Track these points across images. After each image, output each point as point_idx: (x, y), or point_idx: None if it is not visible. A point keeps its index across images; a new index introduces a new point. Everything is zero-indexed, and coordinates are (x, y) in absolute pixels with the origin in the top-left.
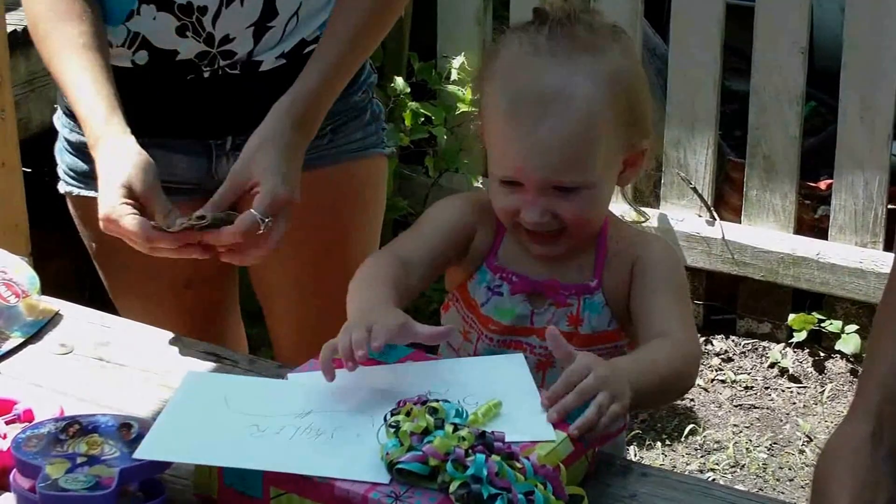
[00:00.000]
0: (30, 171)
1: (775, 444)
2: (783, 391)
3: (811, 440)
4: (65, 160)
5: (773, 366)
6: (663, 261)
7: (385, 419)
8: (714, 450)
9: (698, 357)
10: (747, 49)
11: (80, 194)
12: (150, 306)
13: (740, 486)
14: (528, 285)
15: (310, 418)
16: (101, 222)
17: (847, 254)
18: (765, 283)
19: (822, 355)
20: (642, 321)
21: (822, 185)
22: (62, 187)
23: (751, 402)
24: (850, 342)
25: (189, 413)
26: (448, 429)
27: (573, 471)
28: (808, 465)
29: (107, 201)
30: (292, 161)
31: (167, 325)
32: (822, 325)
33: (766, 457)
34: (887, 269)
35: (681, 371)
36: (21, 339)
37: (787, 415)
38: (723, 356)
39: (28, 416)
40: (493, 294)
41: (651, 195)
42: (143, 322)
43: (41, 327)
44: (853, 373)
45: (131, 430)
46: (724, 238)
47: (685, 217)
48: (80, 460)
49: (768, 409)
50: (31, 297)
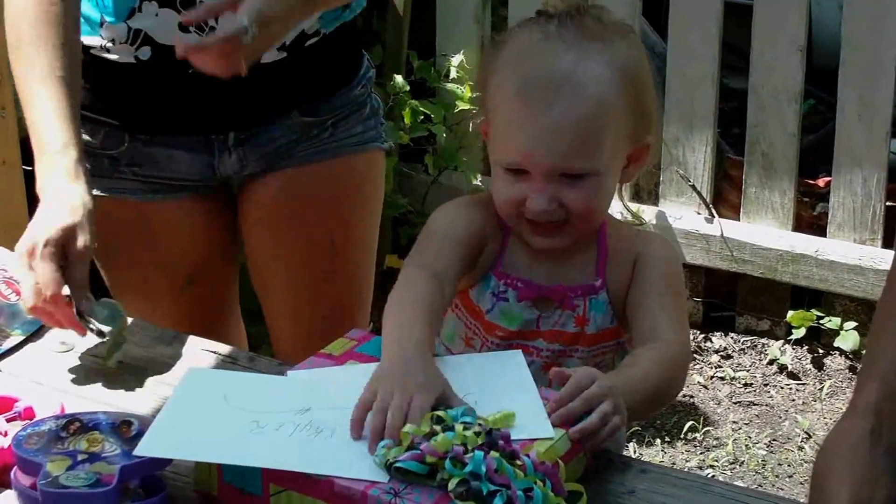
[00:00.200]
0: (30, 169)
1: (774, 440)
2: (782, 388)
3: (810, 437)
4: None
5: (772, 363)
6: (662, 260)
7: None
8: (713, 446)
9: (688, 359)
10: (746, 47)
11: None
12: (151, 304)
13: (740, 483)
14: (534, 291)
15: (309, 415)
16: (22, 246)
17: (846, 251)
18: (764, 280)
19: (820, 352)
20: (635, 320)
21: (821, 182)
22: None
23: (750, 399)
24: (848, 339)
25: (189, 410)
26: (459, 427)
27: (572, 467)
28: (807, 462)
29: (38, 234)
30: None
31: (168, 322)
32: (821, 321)
33: (765, 453)
34: (886, 266)
35: (671, 377)
36: (22, 337)
37: (787, 411)
38: (722, 353)
39: (29, 413)
40: (498, 300)
41: (650, 193)
42: (144, 320)
43: (42, 325)
44: (852, 369)
45: (131, 428)
46: (723, 235)
47: (684, 214)
48: (80, 457)
49: (767, 405)
50: None
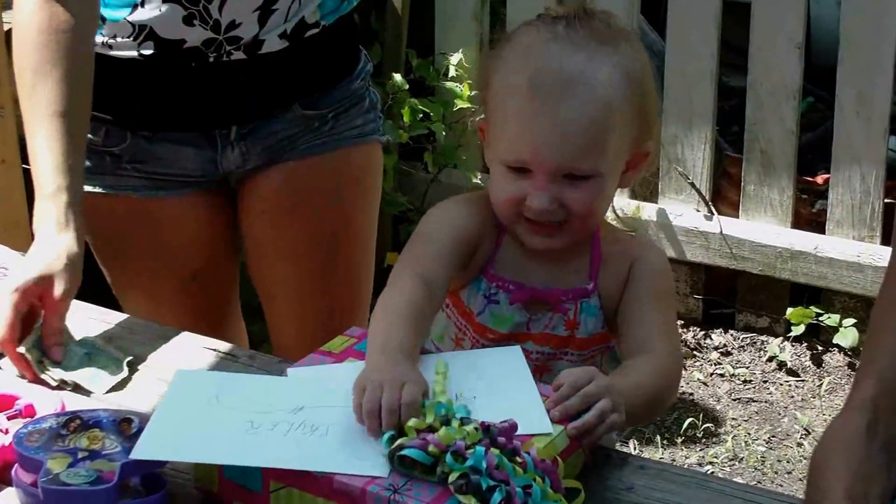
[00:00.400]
0: (29, 168)
1: (773, 437)
2: (781, 385)
3: (809, 433)
4: None
5: (771, 359)
6: (657, 270)
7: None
8: (713, 443)
9: (680, 369)
10: (744, 45)
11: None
12: (154, 301)
13: (739, 479)
14: (526, 293)
15: (303, 414)
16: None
17: (844, 248)
18: (763, 277)
19: (819, 349)
20: (629, 329)
21: (820, 179)
22: None
23: (749, 396)
24: (847, 336)
25: (182, 411)
26: (455, 423)
27: (570, 463)
28: (806, 458)
29: (11, 279)
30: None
31: (171, 319)
32: (820, 318)
33: (764, 450)
34: (884, 263)
35: (664, 387)
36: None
37: (786, 408)
38: (721, 350)
39: (29, 411)
40: (489, 303)
41: (651, 191)
42: (146, 317)
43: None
44: (851, 366)
45: (132, 425)
46: (722, 233)
47: (683, 212)
48: (81, 455)
49: (767, 402)
50: None
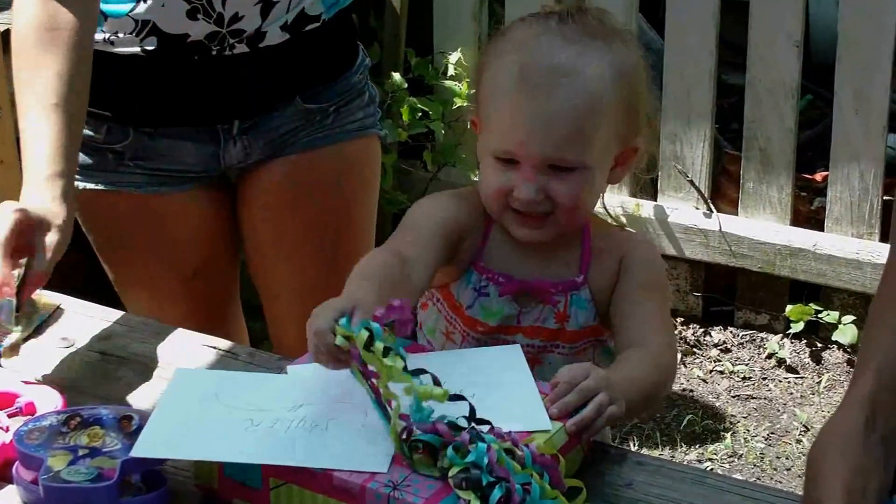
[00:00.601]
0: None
1: (773, 433)
2: (780, 381)
3: (808, 430)
4: None
5: (770, 356)
6: (648, 263)
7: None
8: (712, 440)
9: (675, 361)
10: (743, 43)
11: (84, 187)
12: (155, 298)
13: (738, 476)
14: (515, 285)
15: (302, 411)
16: None
17: (843, 245)
18: (762, 274)
19: (819, 346)
20: (623, 324)
21: (819, 176)
22: None
23: (748, 393)
24: (846, 333)
25: (181, 410)
26: (378, 346)
27: (570, 459)
28: (805, 455)
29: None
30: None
31: (172, 316)
32: (819, 315)
33: (763, 446)
34: (883, 260)
35: (658, 382)
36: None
37: (785, 405)
38: (721, 347)
39: (30, 409)
40: (479, 296)
41: (650, 189)
42: (148, 315)
43: (43, 322)
44: (850, 363)
45: (132, 423)
46: (721, 230)
47: (682, 209)
48: (81, 452)
49: (766, 399)
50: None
